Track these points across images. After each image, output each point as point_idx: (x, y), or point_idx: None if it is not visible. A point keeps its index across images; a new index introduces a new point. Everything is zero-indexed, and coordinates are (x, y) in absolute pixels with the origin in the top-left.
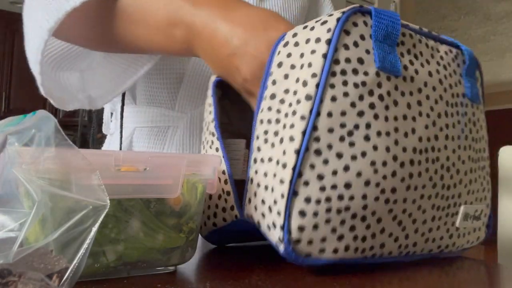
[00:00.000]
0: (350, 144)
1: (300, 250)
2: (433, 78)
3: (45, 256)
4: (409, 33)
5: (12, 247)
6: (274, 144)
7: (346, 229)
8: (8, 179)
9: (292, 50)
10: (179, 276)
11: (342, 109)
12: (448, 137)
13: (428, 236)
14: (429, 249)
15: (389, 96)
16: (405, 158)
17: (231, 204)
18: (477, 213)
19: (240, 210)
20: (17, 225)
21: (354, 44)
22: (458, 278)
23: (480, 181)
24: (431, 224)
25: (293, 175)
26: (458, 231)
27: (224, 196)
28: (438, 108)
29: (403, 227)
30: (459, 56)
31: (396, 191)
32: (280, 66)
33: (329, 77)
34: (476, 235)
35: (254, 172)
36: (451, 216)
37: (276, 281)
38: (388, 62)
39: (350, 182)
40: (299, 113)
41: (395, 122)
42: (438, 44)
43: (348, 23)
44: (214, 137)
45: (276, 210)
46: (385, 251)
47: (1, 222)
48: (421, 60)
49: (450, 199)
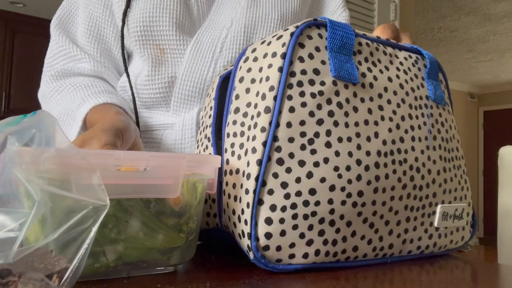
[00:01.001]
0: (312, 151)
1: (269, 256)
2: (393, 83)
3: (45, 256)
4: (366, 42)
5: (12, 247)
6: (240, 156)
7: (315, 234)
8: (8, 179)
9: (251, 65)
10: (179, 276)
11: (301, 119)
12: (415, 139)
13: (405, 237)
14: (408, 251)
15: (348, 103)
16: (370, 162)
17: (215, 212)
18: (458, 212)
19: (220, 219)
20: (17, 225)
21: (309, 56)
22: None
23: (457, 180)
24: (406, 225)
25: (257, 185)
26: (438, 231)
27: (210, 202)
28: (401, 111)
29: (376, 229)
30: (420, 61)
31: (363, 194)
32: (241, 81)
33: (286, 89)
34: (460, 235)
35: (225, 184)
36: (428, 216)
37: (276, 281)
38: (344, 71)
39: (314, 188)
40: (260, 125)
41: (356, 127)
42: (396, 51)
43: (303, 37)
44: (209, 142)
45: (244, 219)
46: (359, 254)
47: (1, 222)
48: (379, 66)
49: (424, 199)
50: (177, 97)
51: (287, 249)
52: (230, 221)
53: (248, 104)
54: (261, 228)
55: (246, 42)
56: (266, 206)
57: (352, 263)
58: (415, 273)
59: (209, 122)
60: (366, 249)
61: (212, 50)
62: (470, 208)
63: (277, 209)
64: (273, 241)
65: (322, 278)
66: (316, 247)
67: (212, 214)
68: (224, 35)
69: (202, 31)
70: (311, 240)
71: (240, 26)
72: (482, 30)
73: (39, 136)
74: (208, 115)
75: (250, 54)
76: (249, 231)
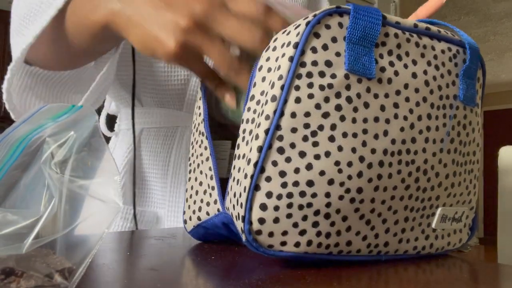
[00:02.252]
0: (314, 143)
1: (261, 241)
2: (418, 79)
3: (47, 256)
4: (394, 33)
5: (23, 241)
6: (248, 142)
7: (309, 224)
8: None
9: (270, 54)
10: (178, 276)
11: (306, 110)
12: (429, 140)
13: (402, 236)
14: (404, 250)
15: (359, 98)
16: (374, 160)
17: (215, 198)
18: (457, 215)
19: (222, 204)
20: (28, 223)
21: (323, 47)
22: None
23: (465, 185)
24: (404, 225)
25: (255, 171)
26: (435, 232)
27: (209, 190)
28: (419, 110)
29: (372, 226)
30: (459, 55)
31: (363, 191)
32: (260, 70)
33: (294, 79)
34: (458, 237)
35: (233, 168)
36: (427, 218)
37: (276, 281)
38: (360, 64)
39: (312, 180)
40: (265, 113)
41: (364, 124)
42: (434, 42)
43: (320, 26)
44: (203, 136)
45: (240, 202)
46: (353, 249)
47: (13, 219)
48: (405, 60)
49: (426, 201)
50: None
51: (279, 236)
52: (231, 203)
53: (262, 93)
54: (255, 213)
55: None
56: (262, 192)
57: (345, 257)
58: (420, 273)
59: (200, 119)
60: (360, 245)
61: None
62: (472, 212)
63: (273, 197)
64: (266, 227)
65: (323, 278)
66: (308, 237)
67: (212, 201)
68: None
69: None
70: (304, 230)
71: None
72: (482, 30)
73: (75, 138)
74: (198, 113)
75: (272, 43)
76: (243, 214)
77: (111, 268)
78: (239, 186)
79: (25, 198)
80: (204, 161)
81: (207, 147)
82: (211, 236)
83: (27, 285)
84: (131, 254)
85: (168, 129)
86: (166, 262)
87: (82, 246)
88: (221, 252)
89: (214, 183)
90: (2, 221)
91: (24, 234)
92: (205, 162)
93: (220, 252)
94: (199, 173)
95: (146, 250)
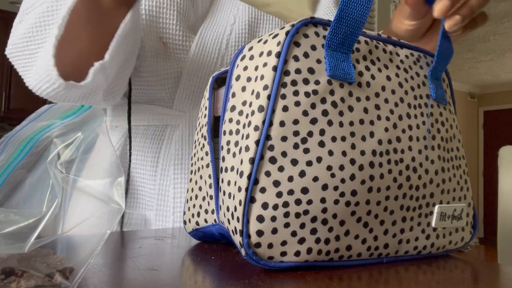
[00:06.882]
0: (305, 150)
1: (261, 253)
2: (392, 81)
3: (47, 256)
4: (365, 40)
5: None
6: (235, 154)
7: (307, 232)
8: (43, 178)
9: (248, 63)
10: (178, 276)
11: (295, 118)
12: (413, 138)
13: (401, 237)
14: (404, 251)
15: (343, 102)
16: (364, 161)
17: (212, 208)
18: (457, 213)
19: (218, 215)
20: (30, 223)
21: (304, 55)
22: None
23: (456, 180)
24: (402, 225)
25: (249, 183)
26: (435, 231)
27: (208, 199)
28: (398, 110)
29: (370, 228)
30: (422, 59)
31: (357, 193)
32: (238, 79)
33: (279, 88)
34: (460, 236)
35: (221, 181)
36: (425, 217)
37: (276, 281)
38: (340, 70)
39: (306, 187)
40: (253, 123)
41: (351, 127)
42: (397, 49)
43: (298, 35)
44: (205, 140)
45: (236, 216)
46: (353, 253)
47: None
48: (378, 65)
49: (421, 199)
50: (183, 92)
51: (278, 246)
52: (225, 217)
53: (243, 103)
54: (253, 226)
55: (251, 38)
56: (258, 204)
57: (346, 263)
58: (421, 273)
59: (204, 121)
60: (360, 248)
61: (217, 46)
62: (470, 209)
63: (269, 207)
64: (265, 239)
65: (323, 278)
66: (308, 245)
67: (210, 211)
68: (229, 32)
69: (205, 28)
70: (303, 239)
71: (244, 22)
72: (482, 30)
73: (81, 139)
74: (204, 114)
75: (247, 52)
76: (241, 228)
77: (111, 268)
78: (232, 199)
79: (29, 197)
80: (204, 166)
81: (208, 152)
82: (210, 239)
83: (27, 285)
84: (131, 254)
85: (157, 128)
86: (166, 262)
87: (84, 247)
88: (221, 252)
89: (213, 193)
90: (4, 220)
91: (26, 234)
92: (205, 168)
93: (220, 252)
94: (199, 178)
95: (146, 250)
